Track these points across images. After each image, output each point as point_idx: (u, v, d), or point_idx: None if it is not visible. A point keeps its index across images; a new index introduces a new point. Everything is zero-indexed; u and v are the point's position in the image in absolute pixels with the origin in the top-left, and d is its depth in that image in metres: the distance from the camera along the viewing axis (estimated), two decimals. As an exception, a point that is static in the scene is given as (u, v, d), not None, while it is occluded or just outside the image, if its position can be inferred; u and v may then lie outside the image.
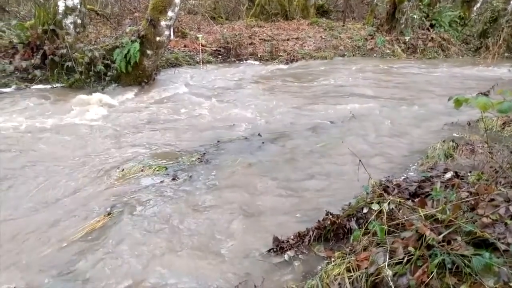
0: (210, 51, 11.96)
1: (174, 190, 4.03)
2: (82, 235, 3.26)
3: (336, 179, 4.29)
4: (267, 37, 13.45)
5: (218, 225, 3.41)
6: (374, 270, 2.41)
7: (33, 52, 8.46)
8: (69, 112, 6.58)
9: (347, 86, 8.73)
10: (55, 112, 6.55)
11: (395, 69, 10.84)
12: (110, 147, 5.23)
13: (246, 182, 4.21)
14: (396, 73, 10.30)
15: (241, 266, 2.89)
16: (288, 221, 3.46)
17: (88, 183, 4.21)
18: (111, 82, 8.40)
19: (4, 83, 7.97)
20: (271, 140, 5.38)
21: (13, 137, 5.39)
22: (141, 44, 8.15)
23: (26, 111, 6.47)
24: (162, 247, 3.11)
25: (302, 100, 7.57)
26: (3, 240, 3.22)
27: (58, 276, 2.81)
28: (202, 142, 5.38)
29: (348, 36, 14.15)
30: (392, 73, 10.23)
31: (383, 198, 2.99)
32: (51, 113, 6.48)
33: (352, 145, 4.76)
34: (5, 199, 3.84)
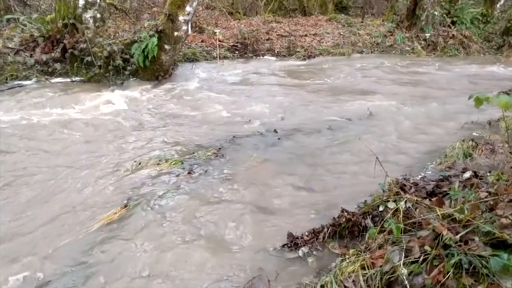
0: (227, 46, 11.96)
1: (189, 184, 4.06)
2: (99, 227, 3.31)
3: (352, 176, 4.27)
4: (285, 33, 13.38)
5: (233, 220, 3.43)
6: (389, 268, 2.39)
7: (53, 45, 8.59)
8: (88, 105, 6.68)
9: (365, 83, 8.64)
10: (74, 105, 6.64)
11: (414, 66, 10.68)
12: (127, 140, 5.29)
13: (261, 177, 4.21)
14: (415, 70, 10.15)
15: (255, 260, 2.90)
16: (303, 218, 3.46)
17: (105, 175, 4.27)
18: (129, 77, 8.47)
19: (25, 75, 8.12)
20: (287, 136, 5.37)
21: (33, 129, 5.50)
22: (159, 39, 8.20)
23: (45, 103, 6.58)
24: (176, 239, 3.14)
25: (319, 96, 7.52)
26: (21, 229, 3.29)
27: (74, 266, 2.87)
28: (217, 137, 5.40)
29: (367, 32, 13.99)
30: (411, 71, 10.09)
31: (400, 197, 2.96)
32: (70, 106, 6.58)
33: (369, 143, 4.72)
34: (25, 190, 3.92)
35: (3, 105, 6.43)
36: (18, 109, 6.27)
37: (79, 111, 6.39)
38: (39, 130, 5.47)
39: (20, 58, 8.44)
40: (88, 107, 6.58)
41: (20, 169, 4.34)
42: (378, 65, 10.61)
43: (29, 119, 5.88)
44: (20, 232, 3.26)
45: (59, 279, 2.73)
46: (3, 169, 4.31)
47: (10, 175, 4.20)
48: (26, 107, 6.35)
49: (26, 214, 3.52)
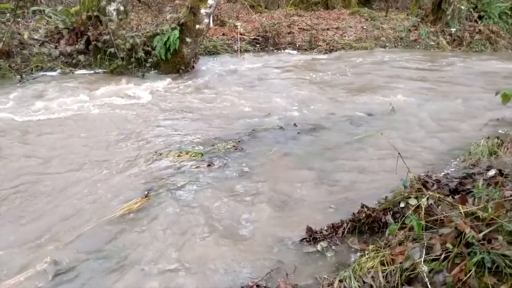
0: (248, 39, 11.92)
1: (209, 176, 4.09)
2: (120, 216, 3.37)
3: (372, 172, 4.22)
4: (307, 27, 13.25)
5: (251, 212, 3.44)
6: (409, 265, 2.37)
7: (78, 37, 8.75)
8: (110, 97, 6.77)
9: (387, 77, 8.50)
10: (96, 96, 6.75)
11: (439, 61, 10.46)
12: (148, 131, 5.36)
13: (281, 171, 4.21)
14: (440, 66, 9.94)
15: (273, 253, 2.91)
16: (322, 212, 3.45)
17: (126, 165, 4.33)
18: (151, 69, 8.56)
19: (49, 67, 8.30)
20: (307, 131, 5.34)
21: (56, 119, 5.63)
22: (180, 32, 8.24)
23: (69, 94, 6.70)
24: (195, 230, 3.18)
25: (340, 91, 7.44)
26: (46, 216, 3.37)
27: (95, 253, 2.93)
28: (237, 130, 5.41)
29: (390, 26, 13.73)
30: (435, 66, 9.88)
31: (422, 193, 2.92)
32: (93, 97, 6.69)
33: (391, 138, 4.65)
34: (47, 179, 4.01)
35: (29, 95, 6.58)
36: (44, 99, 6.40)
37: (101, 102, 6.48)
38: (62, 121, 5.60)
39: (45, 49, 8.64)
40: (111, 99, 6.67)
41: (44, 158, 4.45)
42: (401, 60, 10.42)
43: (52, 109, 6.00)
44: (45, 219, 3.34)
45: (81, 265, 2.80)
46: (27, 159, 4.43)
47: (34, 164, 4.31)
48: (51, 97, 6.48)
49: (50, 201, 3.61)
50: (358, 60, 10.36)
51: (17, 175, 4.06)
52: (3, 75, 7.58)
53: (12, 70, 7.80)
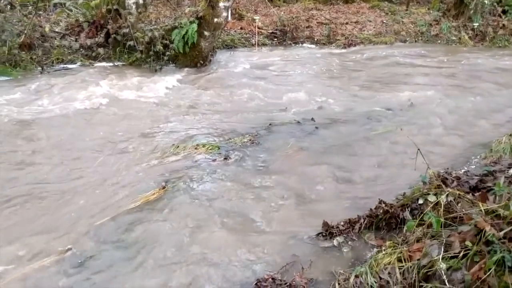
0: (266, 33, 11.87)
1: (225, 169, 4.11)
2: (137, 206, 3.41)
3: (390, 168, 4.18)
4: (325, 21, 13.12)
5: (267, 206, 3.45)
6: (427, 262, 2.34)
7: (97, 30, 8.85)
8: (129, 89, 6.84)
9: (406, 73, 8.38)
10: (115, 89, 6.82)
11: (460, 57, 10.25)
12: (165, 124, 5.40)
13: (297, 166, 4.20)
14: (461, 61, 9.73)
15: (289, 247, 2.91)
16: (338, 207, 3.43)
17: (144, 157, 4.39)
18: (169, 62, 8.60)
19: (70, 59, 8.42)
20: (324, 125, 5.30)
21: (76, 110, 5.71)
22: (199, 25, 8.25)
23: (89, 86, 6.78)
24: (211, 222, 3.20)
25: (358, 86, 7.36)
26: (65, 207, 3.44)
27: (113, 242, 2.98)
28: (254, 124, 5.40)
29: (411, 21, 13.50)
30: (456, 61, 9.68)
31: (441, 190, 2.86)
32: (112, 89, 6.76)
33: (410, 134, 4.59)
34: (67, 169, 4.08)
35: (50, 87, 6.68)
36: (64, 91, 6.49)
37: (120, 94, 6.55)
38: (81, 112, 5.69)
39: (66, 42, 8.77)
40: (129, 91, 6.74)
41: (63, 149, 4.53)
42: (422, 55, 10.25)
43: (72, 101, 6.09)
44: (66, 209, 3.41)
45: (100, 254, 2.85)
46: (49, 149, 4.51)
47: (55, 154, 4.39)
48: (71, 89, 6.57)
49: (70, 191, 3.67)
50: (377, 55, 10.22)
51: (39, 165, 4.14)
52: (25, 67, 7.72)
53: (33, 62, 7.94)
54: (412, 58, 9.82)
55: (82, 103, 6.02)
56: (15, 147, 4.55)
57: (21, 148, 4.54)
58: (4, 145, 4.55)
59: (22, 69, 7.64)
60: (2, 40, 7.75)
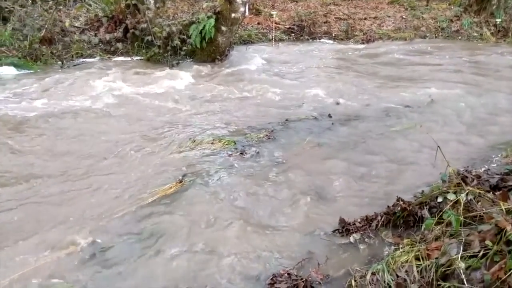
0: (283, 29, 11.83)
1: (241, 164, 4.11)
2: (155, 199, 3.44)
3: (408, 165, 4.13)
4: (343, 16, 13.01)
5: (283, 202, 3.44)
6: (445, 261, 2.30)
7: (116, 25, 8.95)
8: (146, 84, 6.90)
9: (426, 69, 8.25)
10: (133, 83, 6.89)
11: (481, 53, 10.04)
12: (182, 119, 5.43)
13: (314, 162, 4.18)
14: (482, 57, 9.53)
15: (304, 243, 2.90)
16: (355, 204, 3.41)
17: (161, 151, 4.42)
18: (186, 57, 8.64)
19: (89, 54, 8.54)
20: (341, 122, 5.26)
21: (94, 104, 5.78)
22: (216, 20, 8.25)
23: (108, 80, 6.87)
24: (228, 217, 3.21)
25: (376, 82, 7.28)
26: (85, 199, 3.49)
27: (131, 234, 3.02)
28: (270, 120, 5.39)
29: (431, 16, 13.28)
30: (477, 58, 9.49)
31: (461, 188, 2.82)
32: (129, 84, 6.83)
33: (429, 131, 4.51)
34: (86, 162, 4.14)
35: (70, 80, 6.78)
36: (83, 85, 6.58)
37: (137, 89, 6.61)
38: (99, 106, 5.75)
39: (85, 37, 8.88)
40: (147, 86, 6.80)
41: (83, 142, 4.60)
42: (442, 51, 10.08)
43: (91, 94, 6.18)
44: (85, 201, 3.46)
45: (118, 245, 2.89)
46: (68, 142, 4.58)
47: (73, 147, 4.46)
48: (90, 83, 6.66)
49: (89, 184, 3.72)
50: (396, 51, 10.09)
51: (59, 156, 4.21)
52: (45, 61, 7.85)
53: (54, 57, 8.08)
54: (432, 54, 9.67)
55: (100, 97, 6.08)
56: (38, 138, 4.63)
57: (43, 140, 4.62)
58: (27, 137, 4.63)
59: (42, 63, 7.78)
60: (24, 35, 7.91)
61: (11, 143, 4.45)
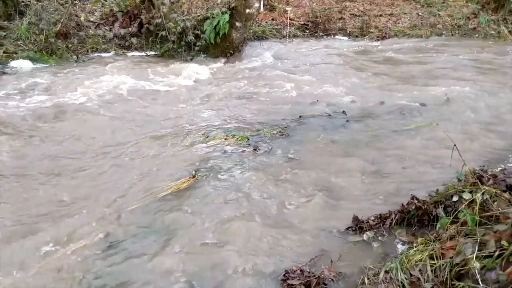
0: (297, 25, 11.75)
1: (254, 160, 4.12)
2: (167, 194, 3.47)
3: (423, 163, 4.08)
4: (358, 12, 12.87)
5: (296, 198, 3.44)
6: (460, 260, 2.28)
7: (131, 20, 8.99)
8: (160, 79, 6.93)
9: (442, 67, 8.13)
10: (147, 78, 6.93)
11: (499, 51, 9.86)
12: (196, 114, 5.45)
13: (327, 159, 4.16)
14: (500, 56, 9.36)
15: (317, 240, 2.90)
16: (369, 202, 3.39)
17: (174, 146, 4.45)
18: (199, 53, 8.65)
19: (104, 48, 8.62)
20: (356, 119, 5.22)
21: (108, 98, 5.84)
22: (230, 16, 8.24)
23: (122, 76, 6.90)
24: (240, 213, 3.22)
25: (391, 79, 7.20)
26: (97, 192, 3.53)
27: (144, 227, 3.05)
28: (283, 116, 5.38)
29: (448, 13, 13.07)
30: (494, 56, 9.31)
31: (477, 188, 2.78)
32: (143, 79, 6.87)
33: (445, 130, 4.47)
34: (100, 156, 4.19)
35: (85, 74, 6.85)
36: (98, 79, 6.64)
37: (151, 84, 6.66)
38: (114, 100, 5.82)
39: (100, 31, 8.95)
40: (160, 81, 6.84)
41: (97, 136, 4.65)
42: (458, 49, 9.92)
43: (105, 89, 6.23)
44: (99, 194, 3.51)
45: (132, 239, 2.93)
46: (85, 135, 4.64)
47: (88, 142, 4.51)
48: (105, 78, 6.72)
49: (103, 177, 3.77)
50: (411, 48, 9.97)
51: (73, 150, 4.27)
52: (60, 55, 7.94)
53: (69, 51, 8.17)
54: (448, 52, 9.52)
55: (113, 91, 6.14)
56: (55, 130, 4.71)
57: (60, 132, 4.69)
58: (44, 130, 4.69)
59: (58, 57, 7.86)
60: (40, 29, 8.00)
61: (33, 133, 4.59)
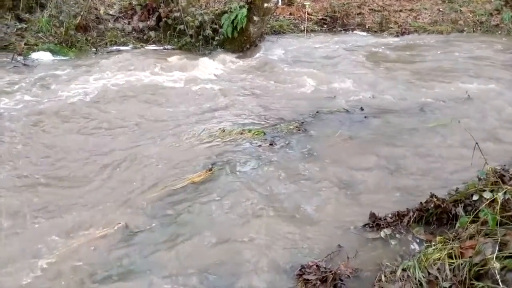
0: (315, 20, 11.66)
1: (271, 155, 4.10)
2: (184, 186, 3.50)
3: (442, 162, 4.02)
4: (378, 7, 12.69)
5: (313, 194, 3.42)
6: (479, 260, 2.24)
7: (149, 14, 9.04)
8: (177, 73, 6.95)
9: (462, 64, 7.97)
10: (164, 72, 6.96)
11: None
12: (212, 107, 5.46)
13: (345, 155, 4.13)
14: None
15: (334, 236, 2.88)
16: (386, 199, 3.35)
17: (191, 139, 4.46)
18: (217, 47, 8.64)
19: (122, 41, 8.67)
20: (374, 115, 5.16)
21: (127, 92, 5.87)
22: (248, 10, 8.20)
23: (140, 69, 6.96)
24: (256, 207, 3.21)
25: (410, 76, 7.09)
26: (114, 183, 3.58)
27: (160, 219, 3.09)
28: (300, 111, 5.35)
29: (470, 9, 12.80)
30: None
31: (498, 187, 2.73)
32: (161, 72, 6.91)
33: (466, 128, 4.38)
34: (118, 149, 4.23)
35: (103, 68, 6.91)
36: (116, 72, 6.71)
37: (169, 78, 6.68)
38: (131, 94, 5.83)
39: (119, 25, 9.02)
40: (178, 75, 6.86)
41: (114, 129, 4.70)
42: (480, 46, 9.71)
43: (122, 82, 6.29)
44: (115, 185, 3.55)
45: (149, 229, 2.96)
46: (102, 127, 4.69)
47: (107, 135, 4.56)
48: (123, 71, 6.78)
49: (121, 170, 3.81)
50: (432, 45, 9.80)
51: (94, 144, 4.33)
52: (80, 48, 8.03)
53: (88, 43, 8.24)
54: (469, 49, 9.33)
55: (132, 85, 6.17)
56: (76, 123, 4.77)
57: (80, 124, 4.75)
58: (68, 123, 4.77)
59: (77, 50, 7.94)
60: (60, 21, 8.09)
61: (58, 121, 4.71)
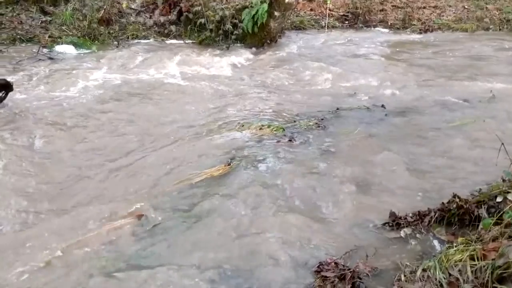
0: (336, 16, 11.54)
1: (289, 151, 4.08)
2: (202, 180, 3.51)
3: (464, 162, 3.93)
4: (401, 4, 12.48)
5: (331, 192, 3.39)
6: (502, 263, 2.18)
7: (171, 8, 9.11)
8: (198, 67, 7.01)
9: (488, 63, 7.77)
10: (185, 66, 7.02)
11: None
12: (231, 102, 5.47)
13: (365, 153, 4.08)
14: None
15: (352, 234, 2.85)
16: (407, 198, 3.30)
17: (210, 134, 4.48)
18: (236, 42, 8.63)
19: (144, 35, 8.77)
20: (395, 113, 5.08)
21: (147, 85, 5.95)
22: (269, 5, 8.16)
23: (160, 62, 7.03)
24: (273, 203, 3.20)
25: (434, 74, 6.96)
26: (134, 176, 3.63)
27: (179, 212, 3.11)
28: (320, 108, 5.30)
29: (496, 7, 12.48)
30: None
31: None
32: (181, 66, 6.96)
33: (490, 128, 4.30)
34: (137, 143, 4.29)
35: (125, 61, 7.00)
36: (138, 66, 6.78)
37: (189, 71, 6.75)
38: (151, 87, 5.91)
39: (141, 19, 9.11)
40: (198, 69, 6.91)
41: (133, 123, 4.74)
42: (506, 45, 9.46)
43: (144, 75, 6.39)
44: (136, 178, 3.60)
45: (167, 222, 2.98)
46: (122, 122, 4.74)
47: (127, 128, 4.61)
48: (144, 65, 6.86)
49: (141, 163, 3.85)
50: (456, 42, 9.59)
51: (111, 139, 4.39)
52: (102, 41, 8.16)
53: (110, 37, 8.37)
54: (495, 47, 9.09)
55: (152, 78, 6.26)
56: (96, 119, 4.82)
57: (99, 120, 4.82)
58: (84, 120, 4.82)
59: (100, 43, 8.07)
60: (83, 14, 8.23)
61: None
